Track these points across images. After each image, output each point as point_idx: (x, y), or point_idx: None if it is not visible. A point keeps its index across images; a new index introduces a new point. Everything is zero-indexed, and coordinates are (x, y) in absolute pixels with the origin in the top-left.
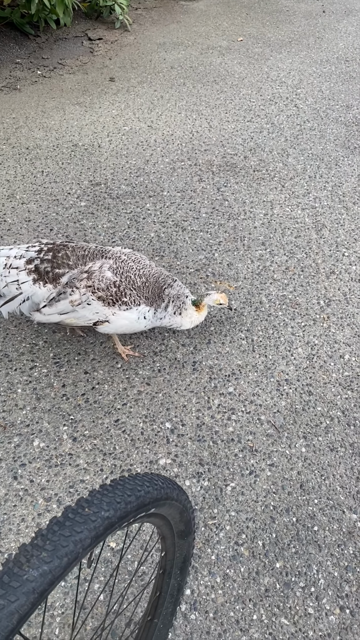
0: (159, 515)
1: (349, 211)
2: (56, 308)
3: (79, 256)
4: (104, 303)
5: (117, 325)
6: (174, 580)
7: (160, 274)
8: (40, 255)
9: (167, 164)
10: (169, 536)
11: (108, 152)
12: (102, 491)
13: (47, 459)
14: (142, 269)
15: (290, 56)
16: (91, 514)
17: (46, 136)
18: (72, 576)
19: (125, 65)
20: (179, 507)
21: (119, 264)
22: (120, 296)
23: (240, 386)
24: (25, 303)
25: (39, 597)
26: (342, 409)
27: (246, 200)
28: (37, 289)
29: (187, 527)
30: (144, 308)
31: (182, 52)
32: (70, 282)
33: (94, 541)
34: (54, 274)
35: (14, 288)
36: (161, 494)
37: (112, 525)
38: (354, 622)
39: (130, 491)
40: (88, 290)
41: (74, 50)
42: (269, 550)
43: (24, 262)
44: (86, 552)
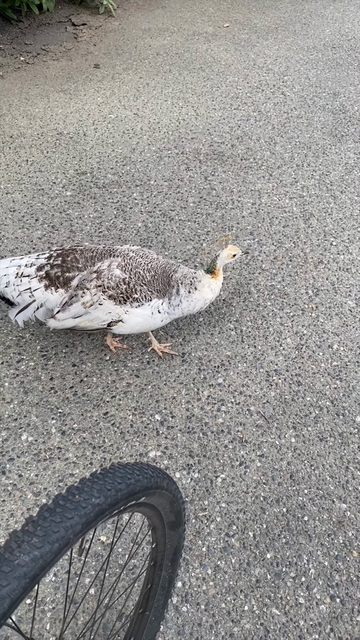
0: (150, 505)
1: (337, 200)
2: (69, 312)
3: (88, 258)
4: (115, 302)
5: (132, 323)
6: (165, 572)
7: (166, 264)
8: (50, 262)
9: (153, 153)
10: (160, 527)
11: (94, 141)
12: (92, 479)
13: (36, 453)
14: (149, 263)
15: (276, 43)
16: (82, 501)
17: (30, 124)
18: (63, 570)
19: (110, 51)
20: (169, 497)
21: (127, 260)
22: (130, 293)
23: (229, 377)
24: (40, 310)
25: (30, 581)
26: (331, 398)
27: (234, 189)
28: (50, 295)
29: (177, 518)
30: (156, 302)
31: (168, 38)
32: (80, 284)
33: (84, 527)
34: (65, 278)
35: (27, 296)
36: (151, 483)
37: (103, 512)
38: (345, 610)
39: (121, 479)
40: (98, 290)
41: (58, 36)
42: (260, 541)
43: (34, 269)
44: (77, 539)
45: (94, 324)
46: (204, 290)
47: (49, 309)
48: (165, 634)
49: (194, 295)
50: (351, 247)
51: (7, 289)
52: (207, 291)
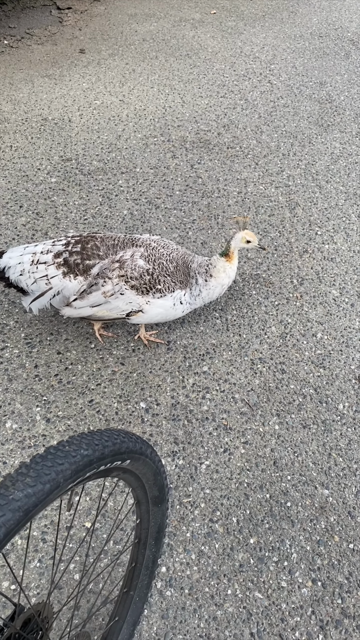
0: (134, 474)
1: (322, 189)
2: (88, 300)
3: (109, 246)
4: (138, 292)
5: (152, 314)
6: (149, 552)
7: (185, 254)
8: (68, 248)
9: (139, 140)
10: (144, 501)
11: (79, 127)
12: (81, 435)
13: (20, 441)
14: (171, 254)
15: (263, 30)
16: (71, 451)
17: (14, 109)
18: (48, 557)
19: (96, 36)
20: (153, 467)
21: (150, 251)
22: (154, 284)
23: (214, 365)
24: (56, 297)
25: (23, 515)
26: (315, 386)
27: (220, 177)
28: (68, 282)
29: (160, 492)
30: (178, 293)
31: (154, 24)
32: (101, 273)
33: (74, 474)
34: (85, 265)
35: (43, 284)
36: (136, 447)
37: (91, 462)
38: (326, 594)
39: (108, 437)
40: (121, 279)
41: (42, 19)
42: (243, 527)
43: (51, 256)
44: (67, 484)
45: (112, 314)
46: (220, 275)
47: (65, 297)
48: (149, 617)
49: (211, 283)
50: (336, 237)
51: (22, 277)
52: (223, 276)
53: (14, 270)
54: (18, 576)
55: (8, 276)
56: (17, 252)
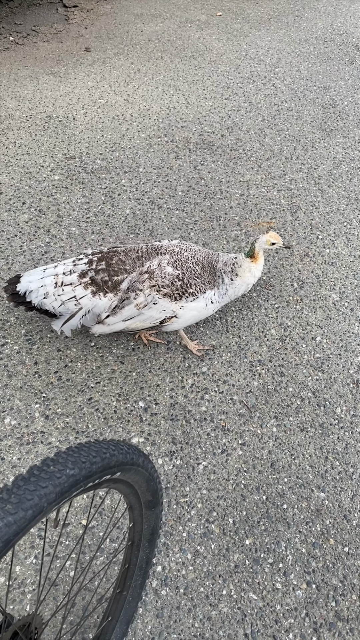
0: (126, 482)
1: (324, 194)
2: (121, 315)
3: (134, 258)
4: (171, 299)
5: (186, 318)
6: (143, 553)
7: (208, 254)
8: (93, 267)
9: (143, 140)
10: (137, 506)
11: (83, 125)
12: (67, 452)
13: (19, 437)
14: (195, 256)
15: (269, 34)
16: (56, 471)
17: (19, 106)
18: (45, 553)
19: (102, 35)
20: (145, 474)
21: (176, 257)
22: (186, 288)
23: (213, 366)
24: (86, 316)
25: (4, 545)
26: (313, 390)
27: (222, 179)
28: (98, 301)
29: (154, 497)
30: (209, 293)
31: (160, 24)
32: (132, 286)
33: (59, 497)
34: (113, 282)
35: (72, 305)
36: (127, 459)
37: (77, 482)
38: (320, 596)
39: (96, 452)
40: (152, 289)
41: (49, 17)
42: (239, 528)
43: (76, 276)
44: (51, 507)
45: (146, 324)
46: (245, 275)
47: (96, 314)
48: (144, 616)
49: (236, 282)
50: (337, 241)
51: (46, 300)
52: (248, 275)
53: (37, 294)
54: (5, 586)
55: (30, 300)
56: (37, 275)
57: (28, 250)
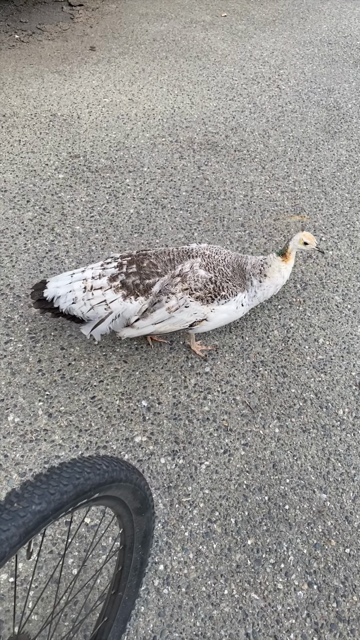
0: (109, 497)
1: (327, 196)
2: (152, 318)
3: (166, 261)
4: (203, 302)
5: (216, 321)
6: (137, 555)
7: (237, 256)
8: (123, 270)
9: (147, 139)
10: (125, 514)
11: (87, 124)
12: (35, 482)
13: (22, 434)
14: (225, 258)
15: (273, 35)
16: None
17: (24, 104)
18: (47, 551)
19: (107, 34)
20: (131, 486)
21: (208, 260)
22: (218, 291)
23: (216, 366)
24: (115, 320)
25: None
26: (315, 391)
27: (226, 180)
28: (129, 304)
29: (143, 504)
30: (240, 296)
31: (165, 24)
32: (163, 290)
33: (23, 538)
34: (145, 285)
35: (102, 309)
36: (104, 479)
37: (45, 518)
38: (321, 597)
39: (67, 480)
40: (185, 292)
41: (54, 15)
42: (241, 528)
43: (106, 280)
44: (15, 550)
45: (175, 327)
46: (274, 275)
47: (126, 318)
48: (146, 615)
49: (265, 283)
50: (340, 244)
51: (75, 305)
52: (277, 276)
53: (65, 299)
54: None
55: (58, 306)
56: (64, 281)
57: (32, 248)
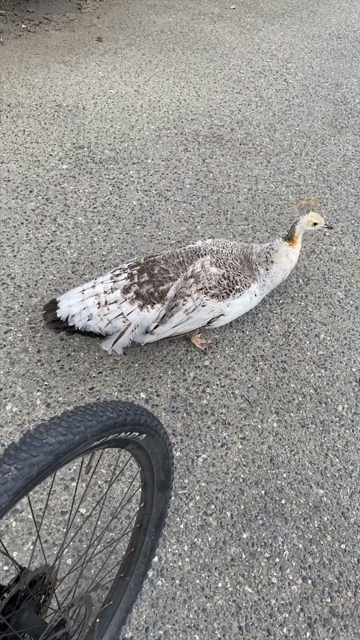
0: (146, 452)
1: (333, 191)
2: (171, 323)
3: (176, 265)
4: (218, 298)
5: (233, 313)
6: (149, 539)
7: (243, 247)
8: (135, 280)
9: (152, 131)
10: (150, 484)
11: (92, 115)
12: (105, 401)
13: (20, 424)
14: (232, 251)
15: (282, 29)
16: (99, 411)
17: (29, 94)
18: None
19: (114, 25)
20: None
21: (217, 256)
22: (233, 285)
23: (216, 360)
24: (135, 331)
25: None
26: (315, 386)
27: (231, 173)
28: (146, 313)
29: (167, 478)
30: (253, 287)
31: (173, 16)
32: (179, 293)
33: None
34: (159, 292)
35: (119, 322)
36: (152, 424)
37: (115, 425)
38: (315, 592)
39: (130, 407)
40: (200, 292)
41: (61, 5)
42: (237, 521)
43: (119, 293)
44: (92, 441)
45: (194, 326)
46: (282, 260)
47: (144, 327)
48: (139, 605)
49: (272, 270)
50: (344, 239)
51: (91, 321)
52: (285, 260)
53: (80, 317)
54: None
55: (73, 324)
56: (76, 298)
57: (34, 238)
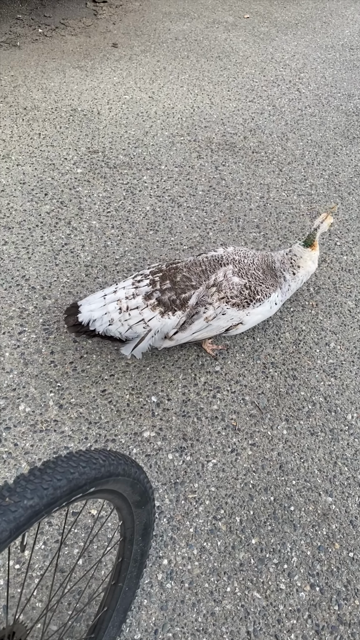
0: (106, 491)
1: (344, 201)
2: (190, 330)
3: (198, 273)
4: (239, 307)
5: (251, 322)
6: (137, 547)
7: (263, 257)
8: (157, 287)
9: (166, 138)
10: (124, 507)
11: (107, 120)
12: (28, 477)
13: (32, 424)
14: (254, 261)
15: (295, 39)
16: (11, 504)
17: (45, 98)
18: (53, 540)
19: (129, 32)
20: (129, 480)
21: (239, 265)
22: (253, 295)
23: (226, 366)
24: (155, 336)
25: None
26: (325, 395)
27: (243, 181)
28: (167, 320)
29: (142, 496)
30: (273, 296)
31: (188, 23)
32: (200, 301)
33: (14, 533)
34: (181, 299)
35: (140, 328)
36: (101, 473)
37: (38, 513)
38: (323, 599)
39: (61, 474)
40: (221, 301)
41: (77, 11)
42: (246, 527)
43: (141, 299)
44: (5, 545)
45: (212, 334)
46: (307, 264)
47: (164, 333)
48: (148, 608)
49: (299, 273)
50: (355, 249)
51: (112, 326)
52: (310, 264)
53: (101, 321)
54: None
55: (94, 329)
56: (97, 303)
57: (48, 241)
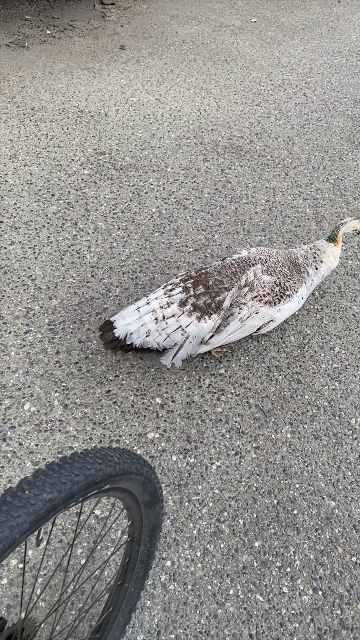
0: (119, 489)
1: (350, 206)
2: (226, 332)
3: (229, 275)
4: (271, 305)
5: (280, 319)
6: (144, 547)
7: (286, 254)
8: (191, 293)
9: (172, 140)
10: (134, 506)
11: (114, 122)
12: (47, 471)
13: (37, 424)
14: (279, 259)
15: (302, 43)
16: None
17: (52, 99)
18: (57, 539)
19: (137, 34)
20: (141, 479)
21: (267, 264)
22: (284, 291)
23: (231, 368)
24: (192, 342)
25: None
26: (329, 399)
27: (249, 184)
28: (204, 324)
29: (152, 497)
30: (300, 291)
31: (195, 27)
32: (234, 302)
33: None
34: (216, 302)
35: (178, 335)
36: (116, 470)
37: (56, 507)
38: (326, 603)
39: (79, 470)
40: (255, 300)
41: (86, 13)
42: (249, 530)
43: (176, 307)
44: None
45: (244, 334)
46: (329, 259)
47: (200, 338)
48: (151, 609)
49: (322, 268)
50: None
51: (149, 337)
52: (332, 259)
53: (138, 334)
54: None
55: (131, 342)
56: (132, 316)
57: (55, 241)
